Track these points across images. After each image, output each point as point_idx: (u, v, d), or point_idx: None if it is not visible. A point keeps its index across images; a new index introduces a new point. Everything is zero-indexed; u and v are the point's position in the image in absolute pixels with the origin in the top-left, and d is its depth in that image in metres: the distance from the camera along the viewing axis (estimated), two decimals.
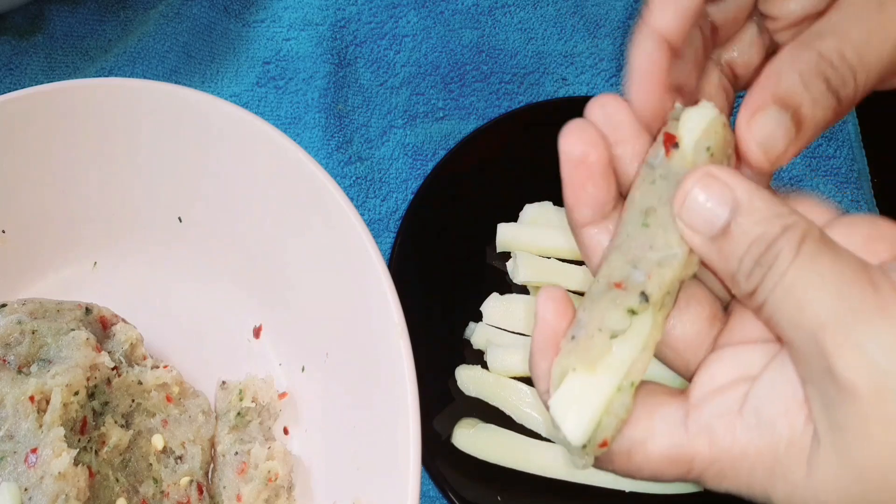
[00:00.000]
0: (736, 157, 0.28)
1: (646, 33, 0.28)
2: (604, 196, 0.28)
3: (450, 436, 0.46)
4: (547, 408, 0.27)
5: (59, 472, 0.36)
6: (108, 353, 0.42)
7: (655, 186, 0.27)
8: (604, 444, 0.26)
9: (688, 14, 0.28)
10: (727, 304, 0.30)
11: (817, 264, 0.24)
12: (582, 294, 0.49)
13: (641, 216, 0.27)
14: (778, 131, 0.27)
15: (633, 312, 0.26)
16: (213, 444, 0.44)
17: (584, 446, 0.26)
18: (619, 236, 0.27)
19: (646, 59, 0.28)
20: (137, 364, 0.44)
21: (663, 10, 0.28)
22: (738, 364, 0.27)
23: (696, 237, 0.26)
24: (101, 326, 0.45)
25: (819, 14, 0.29)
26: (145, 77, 0.58)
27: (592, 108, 0.29)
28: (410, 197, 0.53)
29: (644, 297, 0.26)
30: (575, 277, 0.49)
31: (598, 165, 0.28)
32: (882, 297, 0.23)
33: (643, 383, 0.28)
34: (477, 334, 0.48)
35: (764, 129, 0.27)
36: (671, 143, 0.27)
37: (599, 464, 0.28)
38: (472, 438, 0.46)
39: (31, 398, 0.38)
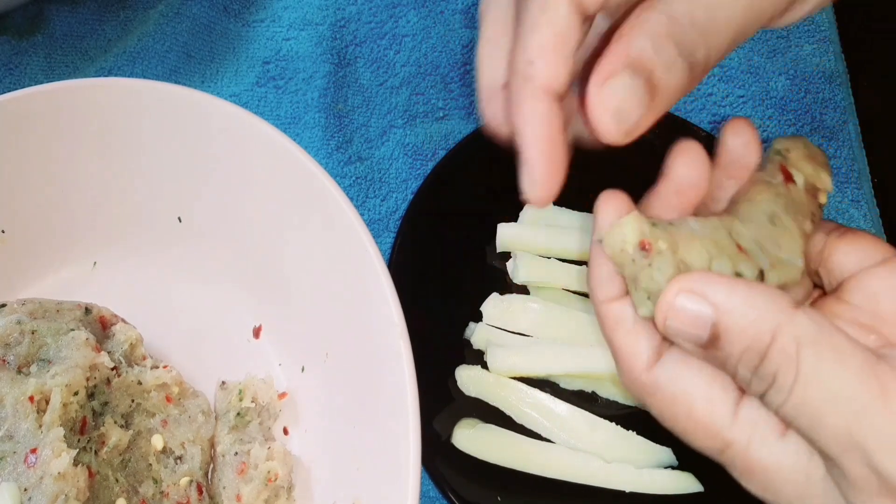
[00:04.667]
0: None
1: (531, 93, 0.26)
2: (688, 210, 0.30)
3: (450, 436, 0.46)
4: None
5: (59, 473, 0.36)
6: (108, 353, 0.42)
7: (779, 199, 0.29)
8: (644, 246, 0.26)
9: (572, 58, 0.26)
10: None
11: (822, 380, 0.23)
12: (582, 294, 0.49)
13: (768, 216, 0.28)
14: (632, 99, 0.25)
15: (738, 274, 0.27)
16: (212, 445, 0.44)
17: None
18: (740, 213, 0.29)
19: (540, 124, 0.26)
20: (137, 364, 0.44)
21: (548, 64, 0.26)
22: None
23: (688, 345, 0.26)
24: (101, 326, 0.44)
25: None
26: (145, 77, 0.58)
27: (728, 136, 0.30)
28: (410, 197, 0.53)
29: (761, 275, 0.27)
30: (575, 277, 0.49)
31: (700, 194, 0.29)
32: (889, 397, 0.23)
33: None
34: (477, 334, 0.48)
35: (616, 97, 0.25)
36: (789, 177, 0.30)
37: (646, 399, 0.28)
38: (472, 438, 0.45)
39: (31, 398, 0.38)
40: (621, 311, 0.28)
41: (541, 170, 0.27)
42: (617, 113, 0.25)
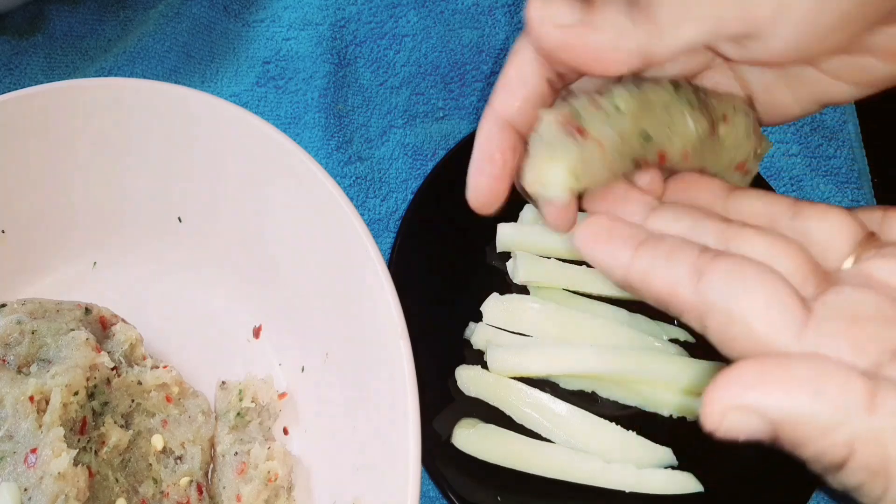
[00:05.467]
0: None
1: (487, 114, 0.31)
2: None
3: (450, 436, 0.46)
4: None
5: (59, 473, 0.36)
6: (108, 353, 0.42)
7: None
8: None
9: (532, 101, 0.30)
10: None
11: None
12: (583, 294, 0.49)
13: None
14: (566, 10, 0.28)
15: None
16: (212, 445, 0.44)
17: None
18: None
19: (486, 140, 0.31)
20: (137, 364, 0.44)
21: (507, 96, 0.30)
22: None
23: None
24: (101, 326, 0.45)
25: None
26: (145, 77, 0.58)
27: None
28: (410, 197, 0.53)
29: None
30: (575, 277, 0.49)
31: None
32: None
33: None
34: (477, 334, 0.48)
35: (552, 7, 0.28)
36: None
37: (704, 323, 0.27)
38: (472, 438, 0.45)
39: (31, 398, 0.38)
40: (646, 263, 0.27)
41: (476, 180, 0.31)
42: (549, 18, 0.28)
